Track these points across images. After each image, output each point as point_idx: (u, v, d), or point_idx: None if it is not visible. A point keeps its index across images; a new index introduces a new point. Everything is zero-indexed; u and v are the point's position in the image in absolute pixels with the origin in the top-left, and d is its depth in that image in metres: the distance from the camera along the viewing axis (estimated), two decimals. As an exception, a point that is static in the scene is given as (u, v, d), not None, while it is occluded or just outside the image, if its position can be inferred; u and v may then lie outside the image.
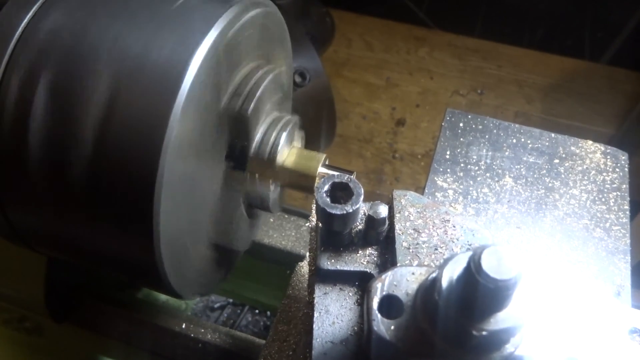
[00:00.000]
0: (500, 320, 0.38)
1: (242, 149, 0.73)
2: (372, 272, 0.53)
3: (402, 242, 0.53)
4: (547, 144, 0.76)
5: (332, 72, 2.31)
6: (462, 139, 0.77)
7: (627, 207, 0.71)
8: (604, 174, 0.74)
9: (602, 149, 0.76)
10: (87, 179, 0.62)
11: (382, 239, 0.54)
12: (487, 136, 0.77)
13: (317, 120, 1.58)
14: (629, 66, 2.37)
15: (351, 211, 0.49)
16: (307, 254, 0.91)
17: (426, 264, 0.51)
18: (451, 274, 0.39)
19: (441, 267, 0.40)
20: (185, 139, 0.61)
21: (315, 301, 0.52)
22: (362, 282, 0.53)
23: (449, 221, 0.54)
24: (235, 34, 0.66)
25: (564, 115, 2.26)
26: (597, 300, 0.51)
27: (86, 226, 0.66)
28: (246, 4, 0.68)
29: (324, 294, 0.52)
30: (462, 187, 0.72)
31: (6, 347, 1.13)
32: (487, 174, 0.73)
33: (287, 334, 0.77)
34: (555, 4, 2.35)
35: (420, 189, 0.68)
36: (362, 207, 0.53)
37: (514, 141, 0.77)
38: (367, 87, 2.34)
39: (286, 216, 1.10)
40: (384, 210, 0.52)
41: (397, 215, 0.55)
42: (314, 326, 0.50)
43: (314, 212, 0.59)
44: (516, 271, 0.35)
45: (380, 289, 0.45)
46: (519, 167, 0.74)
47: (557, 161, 0.75)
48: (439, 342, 0.40)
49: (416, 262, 0.51)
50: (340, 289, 0.53)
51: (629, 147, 0.81)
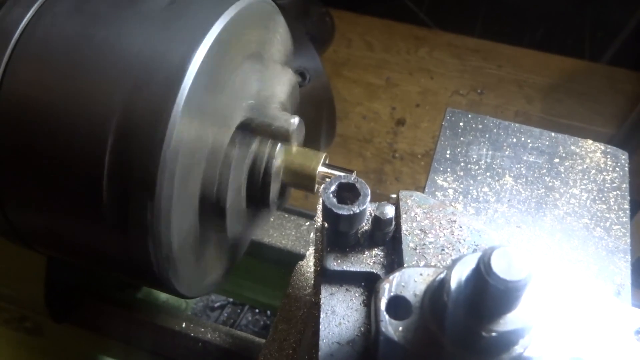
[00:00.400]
0: (509, 321, 0.38)
1: (252, 127, 0.74)
2: (378, 273, 0.52)
3: (408, 242, 0.52)
4: (547, 143, 0.76)
5: (332, 72, 2.31)
6: (462, 139, 0.77)
7: (627, 206, 0.71)
8: (604, 173, 0.74)
9: (602, 148, 0.76)
10: (87, 178, 0.62)
11: (388, 240, 0.54)
12: (487, 135, 0.77)
13: (317, 120, 1.58)
14: (629, 66, 2.37)
15: (358, 212, 0.48)
16: (307, 254, 0.91)
17: (433, 264, 0.51)
18: (460, 275, 0.39)
19: (449, 268, 0.40)
20: (187, 138, 0.61)
21: (321, 302, 0.52)
22: (368, 283, 0.53)
23: (455, 222, 0.54)
24: (233, 33, 0.66)
25: (564, 115, 2.26)
26: (602, 300, 0.51)
27: (86, 226, 0.66)
28: (245, 3, 0.68)
29: (330, 294, 0.52)
30: (462, 186, 0.72)
31: (6, 347, 1.13)
32: (487, 173, 0.73)
33: (287, 333, 0.77)
34: (555, 4, 2.35)
35: (420, 189, 0.68)
36: (369, 208, 0.52)
37: (514, 140, 0.77)
38: (367, 87, 2.34)
39: (286, 216, 1.10)
40: (390, 210, 0.52)
41: (404, 215, 0.54)
42: (320, 327, 0.50)
43: (319, 212, 0.59)
44: (526, 272, 0.35)
45: (388, 289, 0.44)
46: (519, 166, 0.74)
47: (557, 160, 0.75)
48: (448, 343, 0.40)
49: (423, 263, 0.51)
50: (346, 289, 0.53)
51: (629, 148, 0.81)
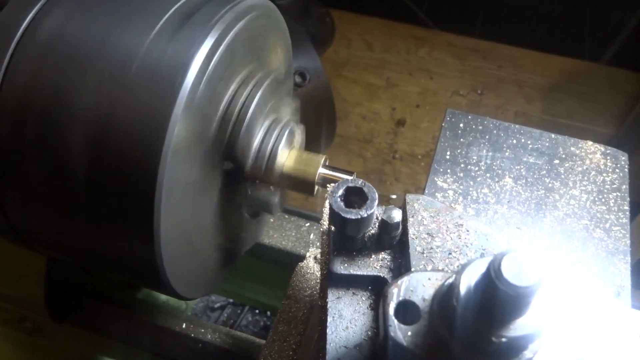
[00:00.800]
0: (519, 326, 0.38)
1: (239, 159, 0.72)
2: (385, 277, 0.52)
3: (415, 246, 0.52)
4: (547, 144, 0.76)
5: (332, 72, 2.31)
6: (462, 140, 0.77)
7: (627, 207, 0.71)
8: (604, 175, 0.74)
9: (602, 149, 0.76)
10: (87, 180, 0.62)
11: (395, 243, 0.54)
12: (487, 137, 0.77)
13: (317, 120, 1.58)
14: (629, 66, 2.37)
15: (365, 216, 0.48)
16: (307, 255, 0.91)
17: (441, 268, 0.51)
18: (469, 280, 0.38)
19: (458, 273, 0.39)
20: (184, 140, 0.61)
21: (328, 305, 0.51)
22: (375, 287, 0.53)
23: (462, 225, 0.54)
24: (234, 37, 0.66)
25: (564, 115, 2.26)
26: (606, 303, 0.51)
27: (86, 227, 0.66)
28: (246, 4, 0.68)
29: (337, 298, 0.52)
30: (462, 187, 0.72)
31: (6, 347, 1.13)
32: (487, 175, 0.73)
33: (287, 334, 0.77)
34: (555, 4, 2.35)
35: (420, 190, 0.68)
36: (376, 212, 0.52)
37: (514, 142, 0.77)
38: (367, 87, 2.34)
39: (286, 216, 1.10)
40: (397, 214, 0.52)
41: (411, 219, 0.54)
42: (327, 331, 0.50)
43: (325, 215, 0.59)
44: (537, 278, 0.35)
45: (396, 294, 0.44)
46: (519, 167, 0.74)
47: (557, 162, 0.75)
48: (457, 348, 0.40)
49: (430, 267, 0.51)
50: (353, 293, 0.52)
51: (629, 148, 0.81)
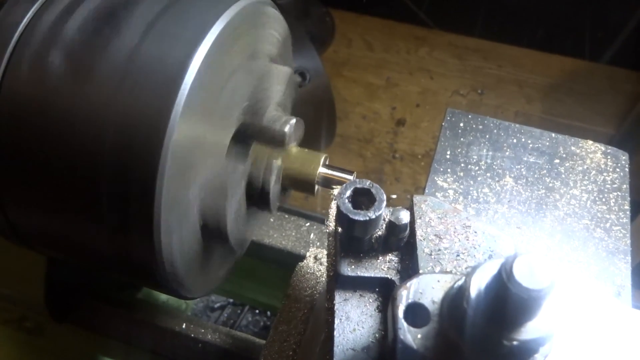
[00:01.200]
0: (531, 329, 0.37)
1: (250, 129, 0.73)
2: (393, 279, 0.52)
3: (423, 248, 0.52)
4: (547, 144, 0.76)
5: (332, 72, 2.31)
6: (462, 139, 0.77)
7: (627, 207, 0.71)
8: (605, 174, 0.74)
9: (603, 149, 0.76)
10: (87, 179, 0.61)
11: (402, 245, 0.54)
12: (487, 136, 0.77)
13: (317, 120, 1.58)
14: (629, 66, 2.37)
15: (374, 217, 0.48)
16: (307, 254, 0.91)
17: (449, 270, 0.50)
18: (479, 282, 0.38)
19: (468, 276, 0.39)
20: (184, 140, 0.61)
21: (335, 307, 0.51)
22: (382, 289, 0.52)
23: (470, 227, 0.53)
24: (235, 32, 0.66)
25: (564, 115, 2.26)
26: (607, 303, 0.51)
27: (87, 226, 0.66)
28: (245, 3, 0.68)
29: (344, 300, 0.52)
30: (462, 187, 0.72)
31: (6, 347, 1.13)
32: (488, 174, 0.73)
33: (287, 334, 0.77)
34: (555, 4, 2.35)
35: (420, 189, 0.68)
36: (384, 213, 0.52)
37: (515, 141, 0.76)
38: (367, 87, 2.34)
39: (286, 216, 1.10)
40: (405, 216, 0.51)
41: (418, 221, 0.53)
42: (334, 333, 0.49)
43: (331, 216, 0.58)
44: (549, 281, 0.35)
45: (405, 296, 0.43)
46: (519, 167, 0.74)
47: (557, 161, 0.75)
48: (467, 351, 0.39)
49: (438, 269, 0.50)
50: (360, 295, 0.52)
51: (629, 147, 0.81)
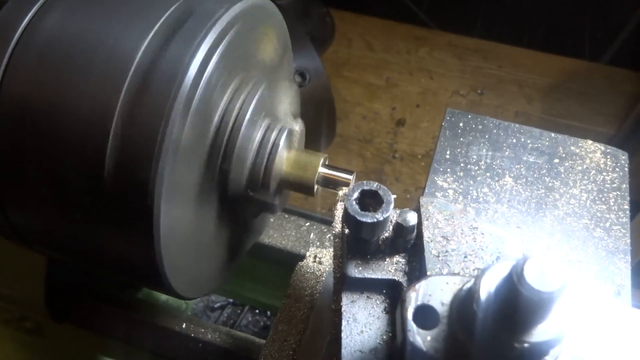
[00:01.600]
0: (542, 332, 0.37)
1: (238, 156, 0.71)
2: (400, 280, 0.52)
3: (431, 249, 0.52)
4: (547, 143, 0.76)
5: (332, 72, 2.31)
6: (462, 139, 0.77)
7: (627, 206, 0.71)
8: (604, 174, 0.74)
9: (602, 148, 0.76)
10: (87, 179, 0.62)
11: (409, 247, 0.53)
12: (487, 136, 0.77)
13: (317, 120, 1.58)
14: (629, 66, 2.37)
15: (381, 219, 0.48)
16: (307, 254, 0.91)
17: (456, 272, 0.50)
18: (489, 284, 0.38)
19: (478, 278, 0.39)
20: (184, 141, 0.61)
21: (342, 309, 0.51)
22: (389, 290, 0.52)
23: (477, 228, 0.53)
24: (233, 35, 0.66)
25: (564, 115, 2.26)
26: (607, 302, 0.51)
27: (87, 227, 0.66)
28: (246, 4, 0.68)
29: (352, 302, 0.52)
30: (462, 186, 0.72)
31: (7, 347, 1.13)
32: (487, 174, 0.73)
33: (287, 334, 0.77)
34: (555, 4, 2.35)
35: (420, 189, 0.68)
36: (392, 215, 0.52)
37: (514, 141, 0.77)
38: (367, 87, 2.34)
39: (286, 216, 1.10)
40: (413, 218, 0.51)
41: (425, 222, 0.53)
42: (342, 335, 0.49)
43: (337, 218, 0.58)
44: (560, 283, 0.35)
45: (414, 298, 0.43)
46: (519, 166, 0.74)
47: (557, 161, 0.75)
48: (477, 353, 0.39)
49: (446, 271, 0.50)
50: (367, 296, 0.52)
51: (629, 147, 0.81)
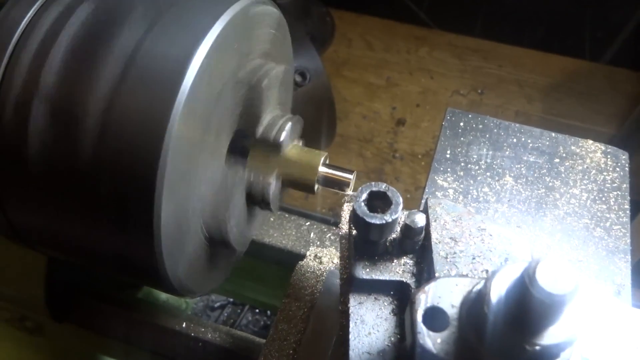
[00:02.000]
0: (553, 334, 0.37)
1: (248, 129, 0.74)
2: (408, 282, 0.52)
3: (439, 251, 0.51)
4: (547, 143, 0.76)
5: (332, 72, 2.31)
6: (462, 139, 0.77)
7: (627, 206, 0.71)
8: (605, 174, 0.74)
9: (603, 148, 0.76)
10: (87, 179, 0.62)
11: (417, 248, 0.53)
12: (487, 135, 0.77)
13: (317, 120, 1.58)
14: (629, 66, 2.37)
15: (390, 221, 0.48)
16: (307, 253, 0.91)
17: (465, 274, 0.50)
18: (500, 286, 0.38)
19: (488, 280, 0.39)
20: (184, 138, 0.61)
21: (350, 311, 0.51)
22: (397, 292, 0.52)
23: (485, 230, 0.53)
24: (237, 29, 0.66)
25: (565, 115, 2.26)
26: (607, 302, 0.51)
27: (87, 226, 0.66)
28: (247, 3, 0.68)
29: (359, 303, 0.51)
30: (462, 186, 0.72)
31: (7, 347, 1.13)
32: (488, 173, 0.73)
33: (287, 333, 0.77)
34: (555, 4, 2.35)
35: (420, 189, 0.68)
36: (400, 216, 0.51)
37: (515, 140, 0.77)
38: (367, 87, 2.34)
39: (286, 215, 1.10)
40: (421, 219, 0.51)
41: (433, 223, 0.53)
42: (349, 336, 0.49)
43: (343, 219, 0.58)
44: (573, 285, 0.34)
45: (424, 300, 0.43)
46: (519, 166, 0.74)
47: (557, 160, 0.75)
48: (488, 356, 0.39)
49: (454, 272, 0.50)
50: (375, 298, 0.52)
51: (629, 147, 0.81)
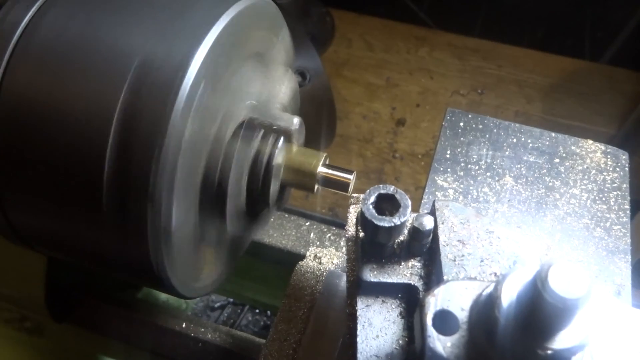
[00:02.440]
0: (566, 338, 0.37)
1: (253, 129, 0.73)
2: (416, 285, 0.52)
3: (447, 254, 0.51)
4: (547, 143, 0.76)
5: (332, 72, 2.31)
6: (462, 139, 0.77)
7: (627, 206, 0.71)
8: (605, 174, 0.74)
9: (603, 148, 0.76)
10: (87, 179, 0.61)
11: (425, 251, 0.53)
12: (487, 135, 0.77)
13: (317, 120, 1.57)
14: (629, 66, 2.37)
15: (399, 223, 0.48)
16: (307, 254, 0.91)
17: (473, 276, 0.50)
18: (511, 290, 0.38)
19: (499, 283, 0.39)
20: (184, 140, 0.61)
21: (357, 313, 0.51)
22: (405, 294, 0.52)
23: (493, 232, 0.53)
24: (235, 33, 0.66)
25: (564, 115, 2.26)
26: (607, 302, 0.51)
27: (86, 226, 0.66)
28: (247, 3, 0.68)
29: (367, 306, 0.51)
30: (462, 186, 0.72)
31: (7, 347, 1.13)
32: (488, 174, 0.73)
33: (287, 334, 0.77)
34: (555, 4, 2.34)
35: (420, 189, 0.68)
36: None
37: (514, 140, 0.77)
38: (367, 87, 2.33)
39: (286, 216, 1.10)
40: (429, 222, 0.51)
41: (441, 226, 0.53)
42: (357, 339, 0.49)
43: (349, 221, 0.58)
44: (585, 289, 0.34)
45: (433, 304, 0.43)
46: (519, 166, 0.74)
47: (557, 160, 0.75)
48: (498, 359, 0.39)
49: (463, 275, 0.50)
50: (382, 301, 0.52)
51: (629, 147, 0.81)
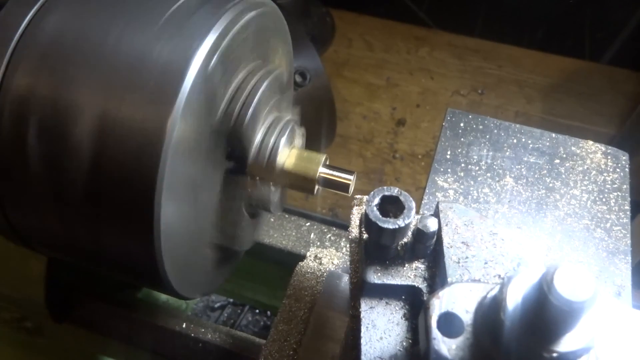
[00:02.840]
0: (571, 341, 0.37)
1: (241, 153, 0.73)
2: (420, 286, 0.52)
3: (451, 255, 0.51)
4: (547, 144, 0.76)
5: (332, 72, 2.31)
6: (462, 139, 0.77)
7: (627, 207, 0.71)
8: (605, 174, 0.74)
9: (603, 149, 0.76)
10: (87, 180, 0.61)
11: (429, 252, 0.53)
12: (487, 136, 0.77)
13: (317, 120, 1.58)
14: (629, 66, 2.37)
15: (403, 225, 0.48)
16: (308, 254, 0.91)
17: (477, 278, 0.50)
18: (516, 293, 0.38)
19: (504, 286, 0.39)
20: (184, 141, 0.61)
21: (361, 315, 0.51)
22: (408, 296, 0.52)
23: (497, 234, 0.53)
24: (233, 36, 0.66)
25: (565, 115, 2.26)
26: (608, 303, 0.51)
27: (87, 227, 0.66)
28: (245, 5, 0.68)
29: (370, 308, 0.51)
30: (462, 187, 0.72)
31: (7, 347, 1.13)
32: (488, 174, 0.73)
33: (287, 334, 0.77)
34: (555, 4, 2.34)
35: (420, 189, 0.68)
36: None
37: (515, 141, 0.77)
38: (367, 87, 2.33)
39: (287, 216, 1.10)
40: (433, 224, 0.51)
41: (445, 228, 0.53)
42: (361, 341, 0.49)
43: (353, 223, 0.58)
44: (591, 292, 0.34)
45: (438, 306, 0.43)
46: (519, 167, 0.74)
47: (557, 161, 0.75)
48: None
49: (467, 277, 0.50)
50: (386, 302, 0.52)
51: (629, 148, 0.81)
